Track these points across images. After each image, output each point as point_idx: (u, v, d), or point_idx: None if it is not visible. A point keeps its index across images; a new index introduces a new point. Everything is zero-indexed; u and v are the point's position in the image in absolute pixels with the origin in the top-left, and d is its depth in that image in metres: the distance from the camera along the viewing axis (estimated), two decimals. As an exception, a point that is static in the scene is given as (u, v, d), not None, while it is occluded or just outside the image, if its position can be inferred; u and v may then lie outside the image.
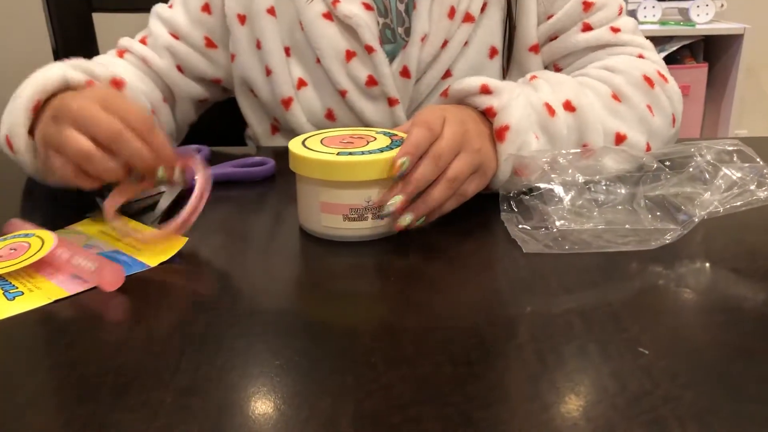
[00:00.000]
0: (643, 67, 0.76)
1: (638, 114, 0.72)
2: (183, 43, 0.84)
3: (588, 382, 0.40)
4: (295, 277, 0.54)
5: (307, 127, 0.83)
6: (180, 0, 0.85)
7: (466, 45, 0.81)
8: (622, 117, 0.72)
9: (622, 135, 0.70)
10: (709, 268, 0.54)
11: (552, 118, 0.66)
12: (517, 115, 0.63)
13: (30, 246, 0.54)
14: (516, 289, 0.51)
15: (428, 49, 0.79)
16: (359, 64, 0.79)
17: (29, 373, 0.41)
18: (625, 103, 0.72)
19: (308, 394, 0.39)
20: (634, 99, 0.73)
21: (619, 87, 0.73)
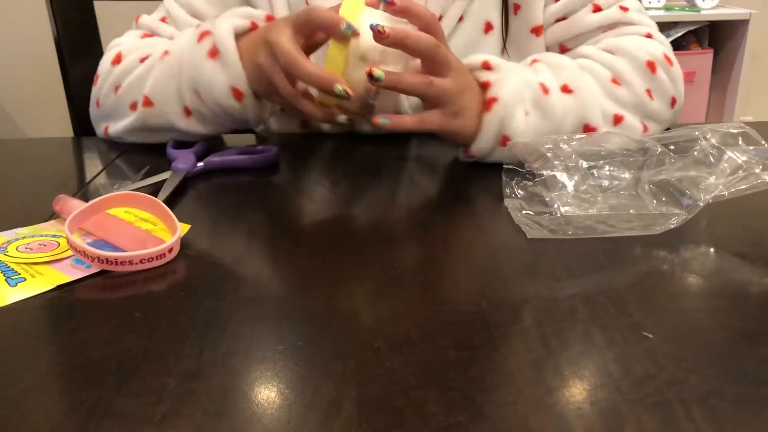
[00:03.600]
0: (650, 49, 0.77)
1: (637, 98, 0.74)
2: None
3: (592, 366, 0.40)
4: (298, 263, 0.53)
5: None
6: None
7: (461, 20, 0.82)
8: (618, 100, 0.73)
9: (619, 116, 0.73)
10: (714, 252, 0.53)
11: (546, 95, 0.68)
12: (507, 90, 0.67)
13: (58, 245, 0.54)
14: (520, 273, 0.51)
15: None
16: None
17: (32, 358, 0.41)
18: (624, 87, 0.74)
19: (311, 378, 0.39)
20: (634, 83, 0.74)
21: (621, 71, 0.74)
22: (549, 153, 0.58)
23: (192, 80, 0.72)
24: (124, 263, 0.51)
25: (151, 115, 0.76)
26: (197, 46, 0.72)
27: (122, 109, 0.79)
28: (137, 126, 0.78)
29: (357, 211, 0.64)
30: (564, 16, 0.83)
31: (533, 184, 0.61)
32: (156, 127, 0.77)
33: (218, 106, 0.72)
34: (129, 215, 0.59)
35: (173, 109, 0.74)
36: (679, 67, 0.79)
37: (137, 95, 0.77)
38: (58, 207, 0.60)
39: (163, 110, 0.75)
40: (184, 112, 0.74)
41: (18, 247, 0.54)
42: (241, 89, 0.71)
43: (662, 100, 0.76)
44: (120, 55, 0.81)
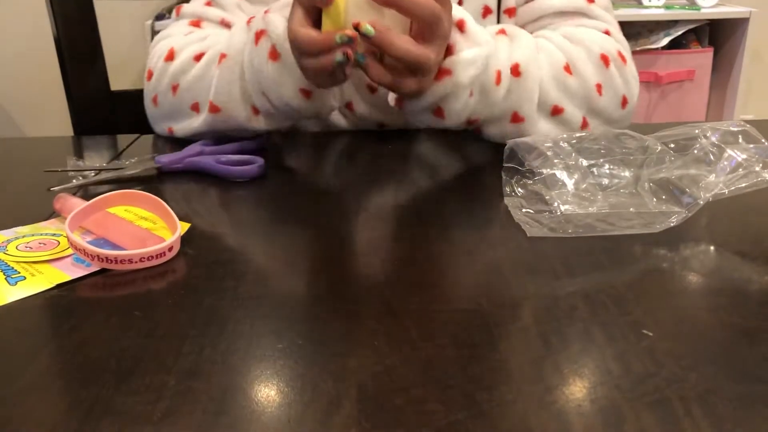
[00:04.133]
0: (605, 45, 0.77)
1: (585, 90, 0.75)
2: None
3: (592, 364, 0.40)
4: (298, 261, 0.54)
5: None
6: None
7: (459, 4, 0.82)
8: (566, 90, 0.74)
9: (559, 108, 0.74)
10: (714, 250, 0.53)
11: (496, 86, 0.69)
12: (464, 70, 0.67)
13: (58, 244, 0.54)
14: (520, 271, 0.51)
15: None
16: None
17: (32, 357, 0.41)
18: (575, 77, 0.74)
19: (311, 376, 0.39)
20: (586, 74, 0.75)
21: (575, 60, 0.75)
22: (549, 151, 0.58)
23: (257, 84, 0.71)
24: (124, 262, 0.51)
25: (219, 120, 0.75)
26: (255, 49, 0.71)
27: (183, 110, 0.78)
28: (205, 130, 0.77)
29: (356, 209, 0.64)
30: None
31: (533, 183, 0.61)
32: (225, 129, 0.76)
33: (288, 106, 0.72)
34: (129, 214, 0.60)
35: (241, 113, 0.74)
36: (634, 68, 0.80)
37: (197, 96, 0.76)
38: (58, 205, 0.60)
39: (232, 115, 0.74)
40: (252, 113, 0.74)
41: (18, 246, 0.54)
42: (309, 88, 0.70)
43: (612, 97, 0.77)
44: (173, 52, 0.80)
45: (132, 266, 0.51)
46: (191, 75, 0.77)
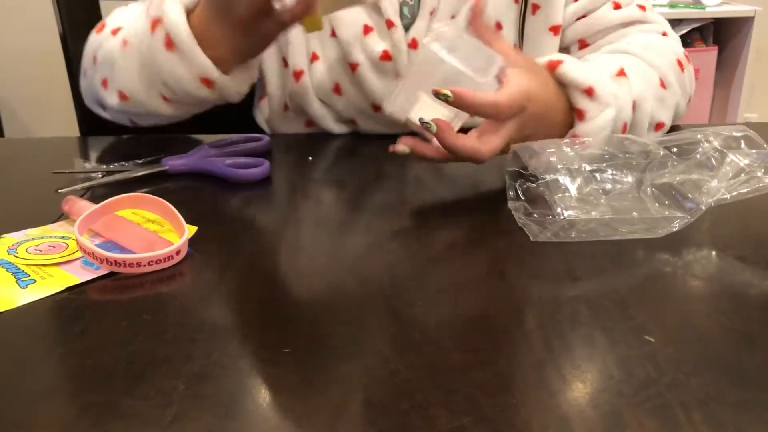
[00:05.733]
0: (675, 49, 0.81)
1: (675, 99, 0.78)
2: None
3: (594, 370, 0.40)
4: (303, 266, 0.54)
5: (314, 101, 0.85)
6: None
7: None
8: (663, 104, 0.76)
9: (661, 123, 0.76)
10: (716, 255, 0.54)
11: (623, 132, 0.71)
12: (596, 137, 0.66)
13: (67, 247, 0.55)
14: (523, 276, 0.51)
15: (436, 23, 0.81)
16: (376, 38, 0.81)
17: (43, 361, 0.42)
18: (668, 90, 0.77)
19: (318, 381, 0.39)
20: (674, 85, 0.78)
21: (665, 74, 0.77)
22: (552, 157, 0.59)
23: (156, 74, 0.72)
24: (133, 265, 0.52)
25: (132, 106, 0.76)
26: (152, 36, 0.70)
27: (96, 84, 0.79)
28: (123, 111, 0.78)
29: (360, 212, 0.64)
30: (584, 14, 0.84)
31: (536, 186, 0.62)
32: (142, 114, 0.77)
33: (190, 96, 0.72)
34: (136, 216, 0.60)
35: (151, 101, 0.74)
36: (691, 66, 0.83)
37: (105, 73, 0.77)
38: (66, 208, 0.61)
39: (142, 102, 0.75)
40: (162, 100, 0.74)
41: (28, 249, 0.54)
42: (209, 77, 0.70)
43: (684, 98, 0.81)
44: (103, 25, 0.81)
45: (140, 269, 0.52)
46: (104, 49, 0.77)
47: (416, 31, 0.81)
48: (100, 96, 0.80)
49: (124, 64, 0.74)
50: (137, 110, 0.77)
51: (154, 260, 0.52)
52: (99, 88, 0.79)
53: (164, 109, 0.75)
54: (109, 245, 0.56)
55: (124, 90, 0.75)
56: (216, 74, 0.70)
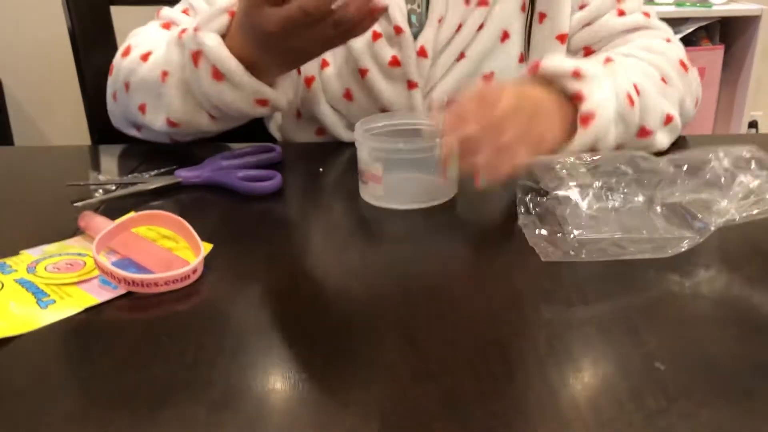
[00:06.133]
0: (678, 52, 0.82)
1: (679, 96, 0.78)
2: None
3: (606, 399, 0.41)
4: (317, 286, 0.55)
5: (325, 108, 0.86)
6: None
7: (480, 29, 0.84)
8: (670, 99, 0.77)
9: (670, 116, 0.76)
10: (725, 277, 0.54)
11: (631, 108, 0.70)
12: (603, 107, 0.67)
13: (85, 265, 0.56)
14: (535, 299, 0.52)
15: (444, 31, 0.82)
16: (384, 45, 0.82)
17: (66, 384, 0.43)
18: (670, 86, 0.78)
19: (336, 407, 0.40)
20: (676, 82, 0.78)
21: (665, 71, 0.78)
22: (563, 172, 0.60)
23: (209, 100, 0.73)
24: (150, 285, 0.52)
25: (180, 131, 0.78)
26: (196, 71, 0.71)
27: (133, 109, 0.80)
28: (169, 134, 0.80)
29: (371, 227, 0.65)
30: (590, 21, 0.85)
31: (547, 200, 0.62)
32: (186, 134, 0.80)
33: (244, 115, 0.74)
34: (151, 232, 0.61)
35: (200, 122, 0.76)
36: (696, 70, 0.83)
37: (143, 98, 0.78)
38: (83, 223, 0.62)
39: (191, 125, 0.77)
40: (209, 119, 0.76)
41: (46, 267, 0.55)
42: (264, 98, 0.72)
43: (692, 100, 0.81)
44: (129, 48, 0.82)
45: (157, 289, 0.53)
46: (138, 76, 0.79)
47: (424, 39, 0.82)
48: (137, 120, 0.81)
49: (170, 95, 0.75)
50: (185, 131, 0.78)
51: (171, 280, 0.53)
52: (136, 114, 0.80)
53: (212, 126, 0.77)
54: (126, 262, 0.57)
55: (172, 118, 0.76)
56: (270, 93, 0.72)
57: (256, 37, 0.68)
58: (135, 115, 0.80)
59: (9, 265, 0.55)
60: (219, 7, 0.71)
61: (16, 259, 0.57)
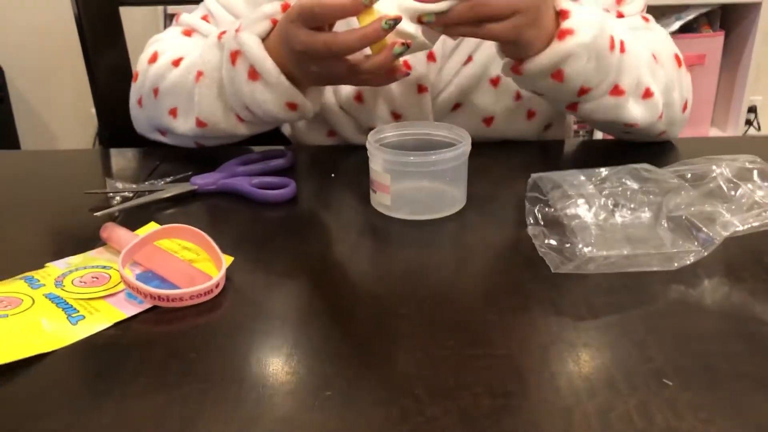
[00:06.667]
0: (674, 48, 0.84)
1: (667, 81, 0.80)
2: None
3: (617, 416, 0.43)
4: (336, 304, 0.57)
5: (336, 110, 0.87)
6: None
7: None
8: (655, 76, 0.78)
9: (650, 92, 0.77)
10: (730, 290, 0.56)
11: (611, 51, 0.72)
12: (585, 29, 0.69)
13: (110, 278, 0.57)
14: (546, 311, 0.54)
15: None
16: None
17: (101, 405, 0.45)
18: (660, 66, 0.79)
19: (360, 427, 0.42)
20: (667, 66, 0.80)
21: (658, 52, 0.80)
22: (571, 190, 0.61)
23: (240, 101, 0.75)
24: (176, 300, 0.54)
25: (207, 131, 0.79)
26: (233, 69, 0.74)
27: (162, 114, 0.82)
28: (195, 137, 0.82)
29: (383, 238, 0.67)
30: None
31: (555, 211, 0.64)
32: (212, 137, 0.81)
33: (273, 118, 0.76)
34: (173, 244, 0.63)
35: (228, 124, 0.78)
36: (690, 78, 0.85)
37: (175, 102, 0.80)
38: (105, 234, 0.64)
39: (218, 127, 0.78)
40: (237, 121, 0.78)
41: (73, 281, 0.57)
42: (295, 101, 0.74)
43: (679, 97, 0.82)
44: (156, 55, 0.84)
45: (182, 303, 0.55)
46: (168, 81, 0.81)
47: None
48: (163, 125, 0.83)
49: (202, 94, 0.77)
50: (212, 134, 0.80)
51: (195, 294, 0.55)
52: (164, 118, 0.82)
53: (240, 129, 0.79)
54: (149, 275, 0.59)
55: (202, 117, 0.78)
56: (301, 98, 0.74)
57: (287, 50, 0.70)
58: (163, 120, 0.82)
59: (37, 279, 0.57)
60: (263, 12, 0.74)
61: (43, 272, 0.59)
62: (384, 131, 0.72)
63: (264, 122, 0.78)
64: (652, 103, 0.78)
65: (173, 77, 0.80)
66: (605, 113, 0.76)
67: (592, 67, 0.72)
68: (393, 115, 0.86)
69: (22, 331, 0.51)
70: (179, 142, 0.85)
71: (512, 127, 0.89)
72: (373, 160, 0.68)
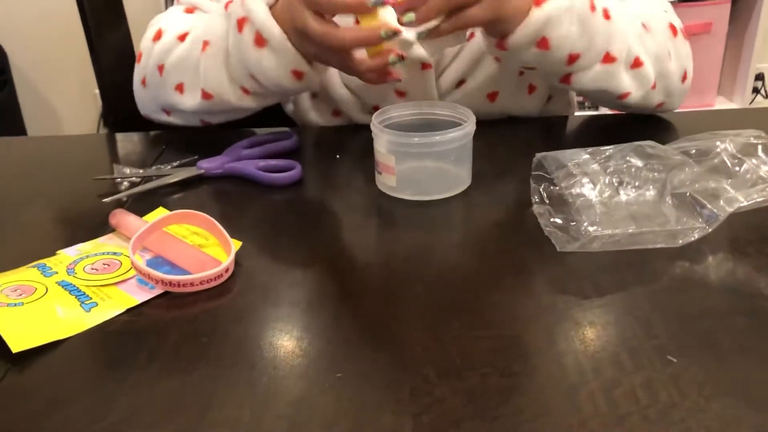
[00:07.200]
0: (670, 17, 0.83)
1: (659, 50, 0.78)
2: None
3: (622, 393, 0.44)
4: (344, 286, 0.57)
5: (340, 90, 0.87)
6: None
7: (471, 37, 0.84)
8: (644, 45, 0.77)
9: (640, 61, 0.77)
10: (734, 266, 0.57)
11: (592, 13, 0.71)
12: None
13: (121, 265, 0.58)
14: (551, 291, 0.55)
15: None
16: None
17: (118, 390, 0.46)
18: (651, 35, 0.78)
19: (371, 408, 0.43)
20: (658, 36, 0.79)
21: (649, 21, 0.79)
22: (576, 169, 0.62)
23: (245, 69, 0.75)
24: (186, 285, 0.55)
25: (213, 104, 0.80)
26: (239, 36, 0.73)
27: (168, 90, 0.82)
28: (200, 112, 0.82)
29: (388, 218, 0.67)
30: None
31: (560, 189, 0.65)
32: (219, 111, 0.81)
33: (279, 87, 0.76)
34: (182, 229, 0.63)
35: (232, 95, 0.78)
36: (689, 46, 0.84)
37: (182, 77, 0.80)
38: (114, 221, 0.64)
39: (223, 99, 0.78)
40: (242, 93, 0.78)
41: (85, 268, 0.58)
42: (301, 69, 0.73)
43: (677, 67, 0.81)
44: (160, 32, 0.84)
45: (193, 288, 0.55)
46: (175, 55, 0.81)
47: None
48: (170, 102, 0.83)
49: (207, 64, 0.77)
50: (218, 108, 0.80)
51: (205, 279, 0.55)
52: (171, 94, 0.82)
53: (246, 102, 0.79)
54: (159, 261, 0.59)
55: (208, 89, 0.78)
56: (306, 66, 0.73)
57: (290, 23, 0.70)
58: (169, 98, 0.82)
59: (49, 267, 0.58)
60: None
61: (54, 260, 0.60)
62: (388, 112, 0.72)
63: (270, 93, 0.78)
64: (642, 73, 0.77)
65: (179, 51, 0.80)
66: (598, 82, 0.75)
67: (575, 31, 0.71)
68: (397, 93, 0.86)
69: (37, 319, 0.52)
70: (185, 120, 0.85)
71: (515, 103, 0.89)
72: (378, 142, 0.69)
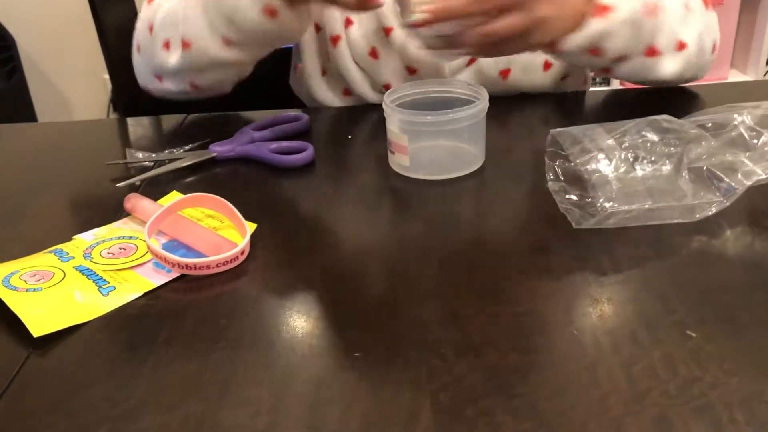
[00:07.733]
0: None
1: (699, 28, 0.78)
2: None
3: (641, 369, 0.44)
4: (360, 267, 0.57)
5: (351, 67, 0.87)
6: None
7: None
8: (688, 25, 0.77)
9: (683, 43, 0.77)
10: (752, 240, 0.56)
11: (647, 18, 0.71)
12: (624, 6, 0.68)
13: (137, 249, 0.58)
14: (569, 267, 0.54)
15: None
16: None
17: (137, 373, 0.46)
18: (692, 15, 0.78)
19: (389, 387, 0.43)
20: (697, 15, 0.78)
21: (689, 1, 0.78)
22: (591, 144, 0.61)
23: (220, 10, 0.73)
24: (203, 268, 0.55)
25: (193, 55, 0.78)
26: None
27: (157, 49, 0.81)
28: (184, 69, 0.80)
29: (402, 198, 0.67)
30: None
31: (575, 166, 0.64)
32: (202, 65, 0.79)
33: (254, 29, 0.74)
34: (196, 212, 0.64)
35: (212, 44, 0.76)
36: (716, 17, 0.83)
37: (168, 34, 0.79)
38: (129, 205, 0.65)
39: (202, 47, 0.76)
40: (223, 44, 0.76)
41: (101, 252, 0.58)
42: (272, 6, 0.71)
43: (710, 40, 0.81)
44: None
45: (209, 271, 0.56)
46: (162, 12, 0.80)
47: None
48: (160, 62, 0.81)
49: (186, 14, 0.76)
50: (199, 62, 0.78)
51: (222, 262, 0.55)
52: (159, 54, 0.80)
53: (227, 54, 0.76)
54: (174, 244, 0.60)
55: (186, 37, 0.76)
56: (278, 3, 0.71)
57: None
58: (158, 57, 0.81)
59: (66, 252, 0.58)
60: None
61: (71, 245, 0.60)
62: (400, 90, 0.72)
63: (250, 41, 0.76)
64: (686, 54, 0.77)
65: (167, 6, 0.79)
66: (639, 74, 0.76)
67: (629, 37, 0.71)
68: (408, 70, 0.86)
69: (56, 304, 0.52)
70: (174, 86, 0.83)
71: (529, 79, 0.88)
72: (390, 121, 0.68)
